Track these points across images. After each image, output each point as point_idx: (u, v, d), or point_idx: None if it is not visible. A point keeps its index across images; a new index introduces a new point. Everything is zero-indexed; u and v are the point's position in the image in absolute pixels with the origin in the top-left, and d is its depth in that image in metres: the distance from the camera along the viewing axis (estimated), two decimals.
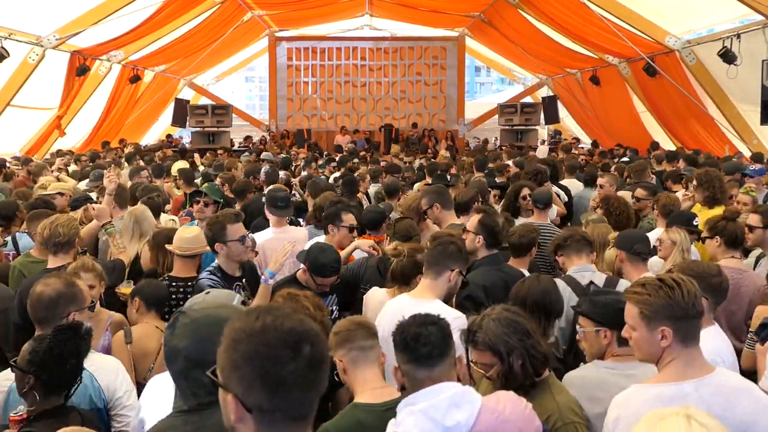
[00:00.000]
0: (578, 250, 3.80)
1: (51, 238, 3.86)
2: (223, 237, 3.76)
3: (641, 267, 3.80)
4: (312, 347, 1.36)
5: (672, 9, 11.98)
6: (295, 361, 1.33)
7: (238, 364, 1.35)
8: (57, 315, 2.84)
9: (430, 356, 2.16)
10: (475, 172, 8.79)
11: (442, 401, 2.02)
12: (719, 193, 5.51)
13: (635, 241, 3.86)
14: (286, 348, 1.34)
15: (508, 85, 40.73)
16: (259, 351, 1.34)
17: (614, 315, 2.54)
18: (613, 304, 2.61)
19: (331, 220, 4.54)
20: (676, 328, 2.13)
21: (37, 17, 11.80)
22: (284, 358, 1.33)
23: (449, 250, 3.18)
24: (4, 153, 12.93)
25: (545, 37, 16.20)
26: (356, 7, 19.28)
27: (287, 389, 1.34)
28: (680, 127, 14.16)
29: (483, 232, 3.81)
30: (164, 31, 14.96)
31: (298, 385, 1.34)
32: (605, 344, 2.64)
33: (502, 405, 2.05)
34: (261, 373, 1.33)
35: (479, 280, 3.59)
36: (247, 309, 1.45)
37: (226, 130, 18.53)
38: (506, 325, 2.39)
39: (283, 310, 1.42)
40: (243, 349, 1.35)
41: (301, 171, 10.47)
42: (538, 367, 2.42)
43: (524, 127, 18.67)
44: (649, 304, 2.15)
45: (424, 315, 2.28)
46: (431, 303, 3.01)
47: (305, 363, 1.34)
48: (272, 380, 1.33)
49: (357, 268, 4.16)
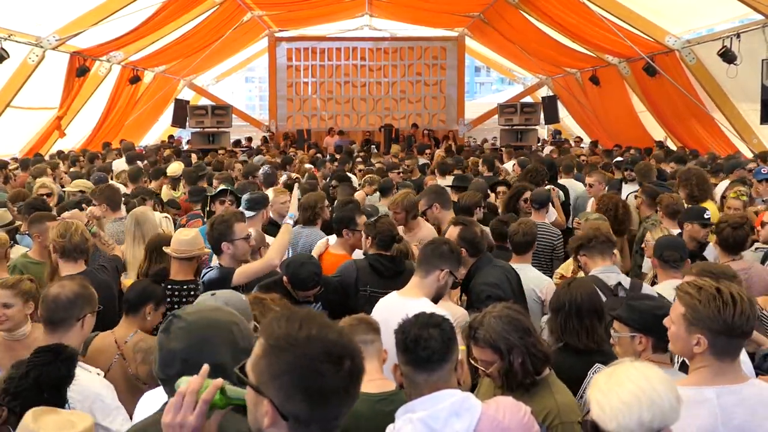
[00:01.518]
0: (602, 251, 3.78)
1: (80, 245, 3.82)
2: (230, 236, 3.75)
3: (671, 273, 3.78)
4: (352, 362, 1.36)
5: (672, 9, 11.98)
6: (337, 375, 1.34)
7: (279, 373, 1.34)
8: (73, 316, 2.83)
9: (429, 360, 2.14)
10: (486, 172, 8.89)
11: (441, 410, 2.01)
12: (697, 191, 5.65)
13: (664, 248, 3.85)
14: (329, 362, 1.33)
15: (507, 85, 40.73)
16: (303, 363, 1.33)
17: (652, 322, 2.51)
18: (652, 311, 2.57)
19: (346, 224, 4.47)
20: (713, 342, 2.08)
21: (36, 18, 11.80)
22: (327, 372, 1.33)
23: (441, 249, 3.20)
24: (4, 154, 12.96)
25: (545, 37, 16.20)
26: (356, 7, 19.28)
27: (327, 402, 1.34)
28: (680, 126, 14.16)
29: (464, 245, 3.79)
30: (164, 31, 14.96)
31: (337, 398, 1.35)
32: (640, 350, 2.59)
33: (502, 413, 2.04)
34: (303, 385, 1.33)
35: (489, 279, 3.64)
36: (286, 314, 1.42)
37: (226, 131, 18.51)
38: (507, 323, 2.40)
39: (324, 320, 1.41)
40: (286, 359, 1.34)
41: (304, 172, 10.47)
42: (538, 366, 2.42)
43: (524, 127, 18.65)
44: (696, 310, 2.10)
45: (428, 316, 2.25)
46: (418, 301, 3.03)
47: (346, 377, 1.35)
48: (314, 393, 1.33)
49: (347, 273, 4.08)
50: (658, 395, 1.72)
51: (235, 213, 3.93)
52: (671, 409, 1.72)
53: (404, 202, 5.08)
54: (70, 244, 3.81)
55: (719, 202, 6.25)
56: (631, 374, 1.76)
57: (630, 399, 1.70)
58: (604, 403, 1.73)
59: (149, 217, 4.72)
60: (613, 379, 1.77)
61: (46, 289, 2.92)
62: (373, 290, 3.90)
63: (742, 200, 5.52)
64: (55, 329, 2.82)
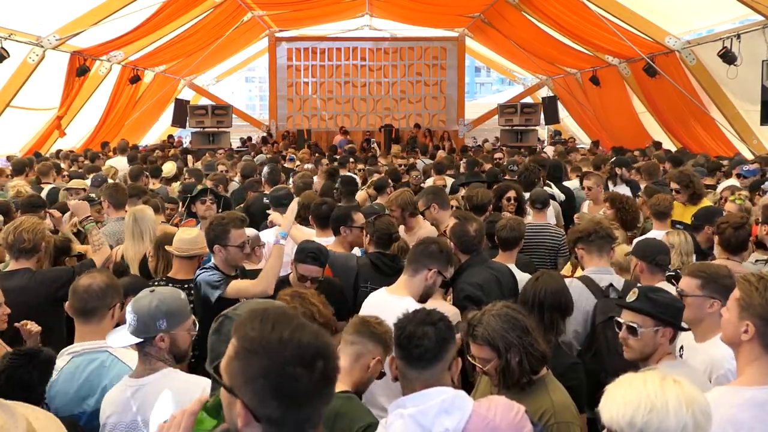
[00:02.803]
0: (601, 247, 3.75)
1: (15, 243, 3.79)
2: (225, 240, 3.68)
3: (659, 277, 3.69)
4: (325, 363, 1.36)
5: (672, 9, 11.98)
6: (310, 378, 1.34)
7: (252, 377, 1.34)
8: (106, 305, 2.92)
9: (421, 358, 2.14)
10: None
11: (431, 407, 2.01)
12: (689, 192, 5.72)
13: (657, 252, 3.73)
14: (302, 366, 1.33)
15: (508, 85, 40.74)
16: (275, 367, 1.33)
17: (676, 314, 2.62)
18: (673, 303, 2.66)
19: (343, 222, 4.48)
20: (763, 330, 2.09)
21: (37, 17, 11.80)
22: (300, 376, 1.33)
23: (429, 249, 3.22)
24: (4, 153, 12.96)
25: (545, 38, 16.20)
26: (356, 7, 19.28)
27: (300, 404, 1.34)
28: (680, 127, 14.15)
29: (453, 239, 3.83)
30: (164, 31, 14.96)
31: (311, 401, 1.35)
32: (662, 343, 2.61)
33: (493, 411, 2.04)
34: (276, 389, 1.33)
35: (474, 279, 3.62)
36: (255, 311, 1.43)
37: (226, 131, 18.52)
38: (506, 321, 2.41)
39: (298, 320, 1.41)
40: (258, 363, 1.34)
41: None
42: (536, 365, 2.42)
43: (524, 127, 18.66)
44: (750, 295, 2.12)
45: (425, 313, 2.24)
46: (403, 299, 3.06)
47: (319, 379, 1.35)
48: (287, 396, 1.33)
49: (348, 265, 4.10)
50: (665, 408, 1.65)
51: (236, 218, 3.80)
52: (676, 426, 1.65)
53: (399, 200, 5.08)
54: (5, 242, 3.83)
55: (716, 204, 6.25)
56: (653, 378, 1.72)
57: (632, 399, 1.68)
58: (609, 393, 1.73)
59: (147, 215, 4.72)
60: (638, 377, 1.75)
61: (76, 281, 2.99)
62: (374, 287, 3.89)
63: (737, 204, 5.52)
64: (88, 320, 2.89)
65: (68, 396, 2.72)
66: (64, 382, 2.73)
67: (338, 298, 3.83)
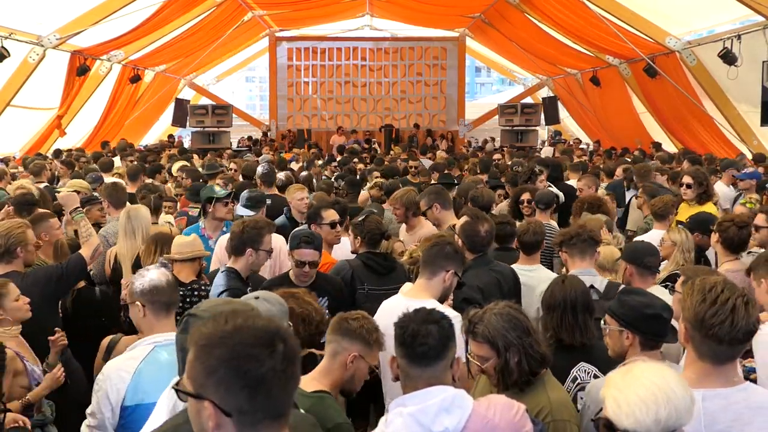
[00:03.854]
0: (583, 250, 3.74)
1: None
2: (258, 244, 3.67)
3: (650, 280, 3.66)
4: (285, 343, 1.37)
5: (672, 10, 11.98)
6: (272, 358, 1.35)
7: (213, 368, 1.34)
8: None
9: (425, 356, 2.14)
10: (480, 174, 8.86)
11: (431, 406, 2.01)
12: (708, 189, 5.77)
13: (646, 254, 3.69)
14: (261, 347, 1.35)
15: (508, 85, 40.75)
16: (235, 352, 1.34)
17: (639, 319, 2.53)
18: (640, 308, 2.56)
19: (313, 219, 4.59)
20: (692, 335, 2.07)
21: (37, 17, 11.80)
22: (261, 356, 1.34)
23: (445, 250, 3.19)
24: (5, 153, 12.96)
25: (546, 38, 16.21)
26: (356, 7, 19.29)
27: (267, 388, 1.35)
28: (680, 128, 14.16)
29: (462, 237, 3.81)
30: (164, 30, 14.97)
31: (277, 382, 1.35)
32: (627, 345, 2.59)
33: (492, 411, 2.03)
34: (240, 374, 1.33)
35: (474, 281, 3.59)
36: (210, 317, 1.47)
37: (227, 131, 18.53)
38: (507, 321, 2.41)
39: (249, 312, 1.44)
40: (218, 353, 1.35)
41: (302, 171, 10.47)
42: (535, 367, 2.42)
43: (524, 127, 18.68)
44: (684, 299, 2.12)
45: (427, 312, 2.24)
46: (426, 302, 3.00)
47: (281, 359, 1.35)
48: (252, 379, 1.33)
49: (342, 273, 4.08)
50: (675, 394, 1.71)
51: (270, 224, 3.84)
52: (686, 409, 1.72)
53: (404, 198, 5.11)
54: None
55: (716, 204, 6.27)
56: (647, 372, 1.76)
57: (647, 396, 1.70)
58: (621, 399, 1.72)
59: (141, 213, 4.72)
60: (629, 377, 1.76)
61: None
62: (371, 288, 3.93)
63: (748, 207, 5.52)
64: (169, 313, 2.89)
65: (153, 384, 2.65)
66: (150, 370, 2.69)
67: (338, 296, 3.85)
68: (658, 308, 2.58)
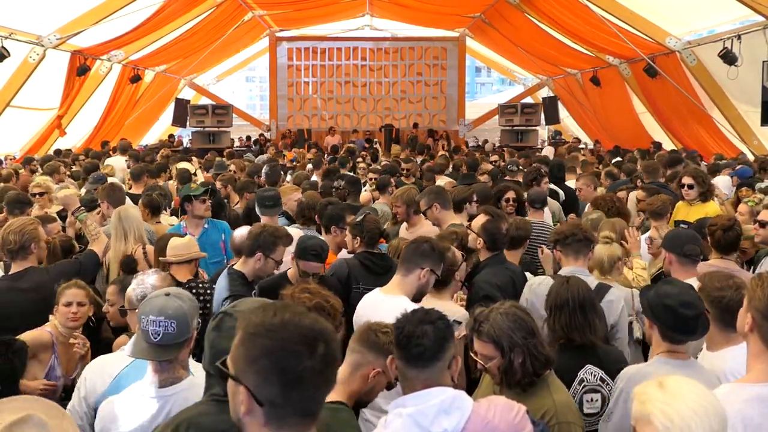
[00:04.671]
0: (577, 251, 3.71)
1: (3, 245, 3.80)
2: (269, 252, 3.67)
3: (691, 270, 3.55)
4: (326, 345, 1.40)
5: (672, 10, 11.98)
6: (312, 358, 1.38)
7: (255, 357, 1.38)
8: None
9: (421, 357, 2.12)
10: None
11: (430, 407, 2.00)
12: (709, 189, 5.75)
13: (686, 242, 3.60)
14: (304, 345, 1.38)
15: (508, 85, 40.76)
16: (278, 345, 1.37)
17: (657, 307, 2.57)
18: (661, 297, 2.58)
19: (336, 222, 4.50)
20: (761, 323, 2.10)
21: (37, 17, 11.80)
22: (302, 354, 1.37)
23: (421, 248, 3.21)
24: (5, 153, 12.97)
25: (546, 38, 16.21)
26: (357, 7, 19.29)
27: (302, 385, 1.38)
28: (680, 128, 14.16)
29: (484, 236, 3.82)
30: (165, 31, 14.97)
31: (313, 381, 1.39)
32: (650, 332, 2.66)
33: (492, 412, 2.03)
34: (279, 368, 1.37)
35: (492, 279, 3.63)
36: (263, 305, 1.49)
37: (227, 130, 18.54)
38: (512, 321, 2.41)
39: (299, 308, 1.47)
40: (261, 343, 1.39)
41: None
42: (539, 368, 2.42)
43: (524, 127, 18.69)
44: (754, 290, 2.14)
45: (423, 312, 2.23)
46: (396, 298, 3.06)
47: (320, 360, 1.38)
48: (289, 375, 1.37)
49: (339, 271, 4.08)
50: (721, 406, 1.72)
51: (287, 236, 3.82)
52: (726, 420, 1.73)
53: (404, 196, 5.11)
54: (6, 243, 3.81)
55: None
56: (685, 386, 1.75)
57: (699, 408, 1.69)
58: (672, 413, 1.69)
59: (131, 214, 4.73)
60: (670, 391, 1.74)
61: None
62: (366, 287, 3.89)
63: (750, 206, 5.53)
64: None
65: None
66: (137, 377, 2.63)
67: None
68: (676, 301, 2.55)
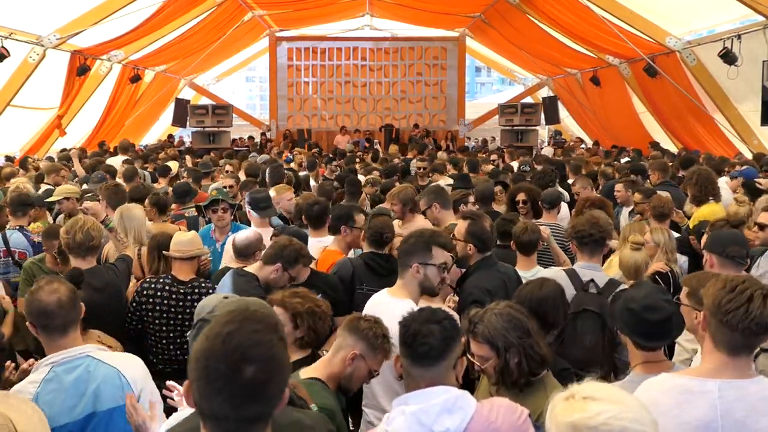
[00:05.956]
0: (592, 249, 3.74)
1: (85, 242, 3.81)
2: (290, 266, 3.64)
3: (732, 271, 3.31)
4: (256, 369, 1.41)
5: (672, 10, 11.97)
6: (231, 379, 1.41)
7: (191, 359, 1.47)
8: (78, 315, 2.67)
9: (426, 356, 2.13)
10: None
11: (434, 406, 2.01)
12: (700, 192, 5.77)
13: (729, 243, 3.45)
14: (224, 365, 1.41)
15: (508, 85, 40.76)
16: (203, 356, 1.44)
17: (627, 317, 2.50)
18: (626, 304, 2.52)
19: (345, 221, 4.46)
20: (710, 321, 2.10)
21: (37, 17, 11.80)
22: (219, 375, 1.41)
23: (406, 246, 3.24)
24: (5, 152, 12.96)
25: (546, 38, 16.20)
26: (357, 7, 19.29)
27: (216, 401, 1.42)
28: (680, 127, 14.16)
29: (473, 240, 3.77)
30: (165, 31, 14.96)
31: (226, 401, 1.42)
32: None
33: (495, 413, 2.03)
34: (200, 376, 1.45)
35: (482, 283, 3.58)
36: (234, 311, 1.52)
37: (227, 130, 18.54)
38: (507, 321, 2.41)
39: (254, 324, 1.47)
40: (198, 347, 1.47)
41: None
42: (535, 368, 2.42)
43: (524, 127, 18.67)
44: (707, 288, 2.15)
45: (430, 312, 2.23)
46: (401, 301, 3.06)
47: (239, 384, 1.41)
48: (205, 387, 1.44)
49: (343, 271, 4.07)
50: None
51: (309, 257, 3.80)
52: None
53: (401, 195, 5.09)
54: (73, 241, 3.81)
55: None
56: (605, 389, 1.65)
57: (634, 399, 1.70)
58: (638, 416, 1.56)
59: (134, 214, 4.72)
60: (608, 398, 1.59)
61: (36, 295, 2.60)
62: (370, 288, 3.88)
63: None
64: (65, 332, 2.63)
65: (55, 408, 2.50)
66: (50, 392, 2.51)
67: (332, 293, 3.81)
68: (640, 305, 2.47)
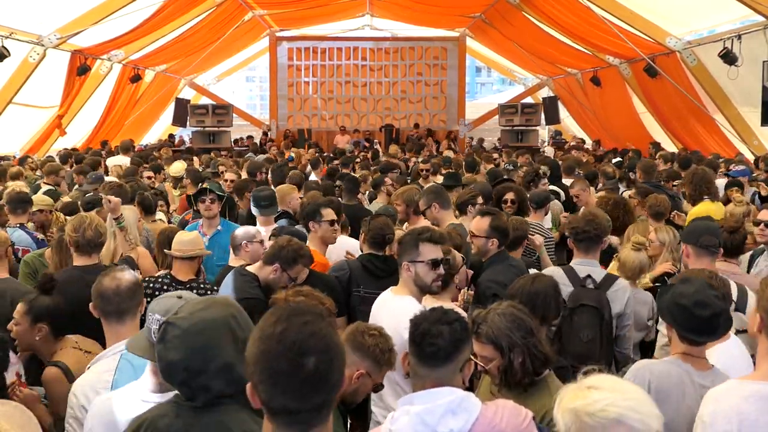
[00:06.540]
0: (588, 246, 3.75)
1: (94, 239, 3.82)
2: (288, 267, 3.63)
3: (707, 261, 3.54)
4: (317, 360, 1.42)
5: (673, 10, 11.97)
6: (295, 372, 1.41)
7: (249, 362, 1.46)
8: (136, 305, 2.76)
9: (434, 357, 2.11)
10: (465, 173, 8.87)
11: (438, 407, 2.00)
12: (695, 191, 5.87)
13: (702, 234, 3.60)
14: (285, 363, 1.41)
15: (508, 85, 40.75)
16: (264, 356, 1.43)
17: (674, 310, 2.50)
18: (675, 298, 2.52)
19: (312, 217, 4.51)
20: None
21: (38, 16, 11.80)
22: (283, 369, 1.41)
23: (398, 247, 3.30)
24: (5, 152, 12.96)
25: (546, 38, 16.20)
26: (357, 7, 19.28)
27: (283, 398, 1.42)
28: (680, 128, 14.16)
29: (496, 234, 3.84)
30: (165, 30, 14.97)
31: (293, 396, 1.41)
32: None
33: (500, 416, 2.02)
34: (265, 375, 1.43)
35: (500, 277, 3.63)
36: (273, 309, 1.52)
37: (227, 130, 18.53)
38: (511, 321, 2.41)
39: (302, 317, 1.46)
40: (253, 351, 1.45)
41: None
42: (539, 367, 2.42)
43: (525, 127, 18.66)
44: (763, 291, 2.15)
45: (442, 312, 2.20)
46: (403, 299, 3.13)
47: (303, 378, 1.41)
48: (271, 384, 1.42)
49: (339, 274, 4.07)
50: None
51: (308, 257, 3.76)
52: None
53: (404, 195, 5.12)
54: (83, 238, 3.79)
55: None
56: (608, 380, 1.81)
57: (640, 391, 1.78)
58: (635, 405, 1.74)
59: (127, 215, 4.71)
60: (611, 388, 1.76)
61: (99, 280, 2.76)
62: (367, 291, 3.88)
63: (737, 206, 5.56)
64: (115, 321, 2.72)
65: None
66: (128, 379, 2.49)
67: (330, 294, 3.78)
68: (691, 301, 2.47)
